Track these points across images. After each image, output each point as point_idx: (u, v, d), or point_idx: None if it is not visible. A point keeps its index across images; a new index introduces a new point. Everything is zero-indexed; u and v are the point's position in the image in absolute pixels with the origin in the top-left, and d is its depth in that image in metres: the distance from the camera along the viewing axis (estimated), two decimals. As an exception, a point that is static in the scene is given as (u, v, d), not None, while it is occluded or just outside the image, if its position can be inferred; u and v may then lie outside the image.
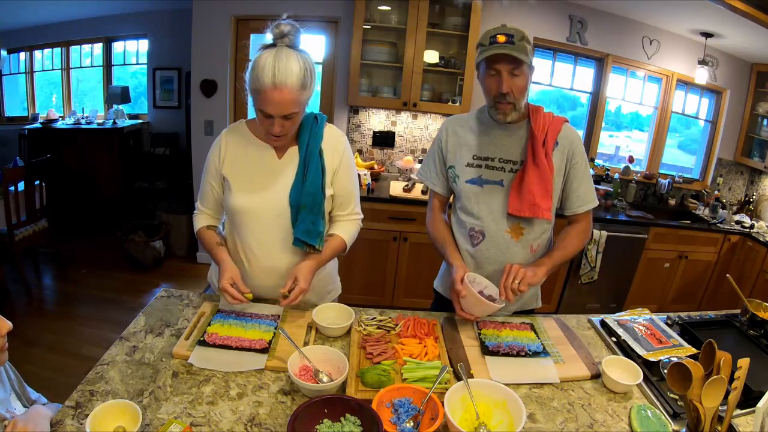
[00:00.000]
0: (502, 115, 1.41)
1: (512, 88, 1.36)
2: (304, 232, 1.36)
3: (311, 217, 1.36)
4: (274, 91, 1.19)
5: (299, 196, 1.36)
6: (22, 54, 4.88)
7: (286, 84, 1.19)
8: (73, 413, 0.99)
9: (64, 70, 5.02)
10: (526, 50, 1.33)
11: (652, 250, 3.40)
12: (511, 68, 1.34)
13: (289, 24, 1.23)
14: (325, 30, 3.55)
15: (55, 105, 5.21)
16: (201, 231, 1.49)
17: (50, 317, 3.15)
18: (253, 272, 1.46)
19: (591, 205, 1.52)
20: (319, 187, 1.37)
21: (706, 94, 4.01)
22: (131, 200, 4.66)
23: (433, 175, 1.61)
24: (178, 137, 4.84)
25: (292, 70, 1.19)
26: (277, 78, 1.18)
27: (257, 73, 1.19)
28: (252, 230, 1.41)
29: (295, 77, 1.20)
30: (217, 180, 1.43)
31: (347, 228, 1.51)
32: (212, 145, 1.44)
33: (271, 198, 1.38)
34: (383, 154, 3.75)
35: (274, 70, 1.18)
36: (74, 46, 4.97)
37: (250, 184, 1.39)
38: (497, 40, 1.33)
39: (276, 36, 1.23)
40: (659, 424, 1.07)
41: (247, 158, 1.40)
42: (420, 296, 3.22)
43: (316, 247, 1.38)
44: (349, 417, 0.99)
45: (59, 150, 4.31)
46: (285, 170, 1.40)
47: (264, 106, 1.22)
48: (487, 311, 1.37)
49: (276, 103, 1.20)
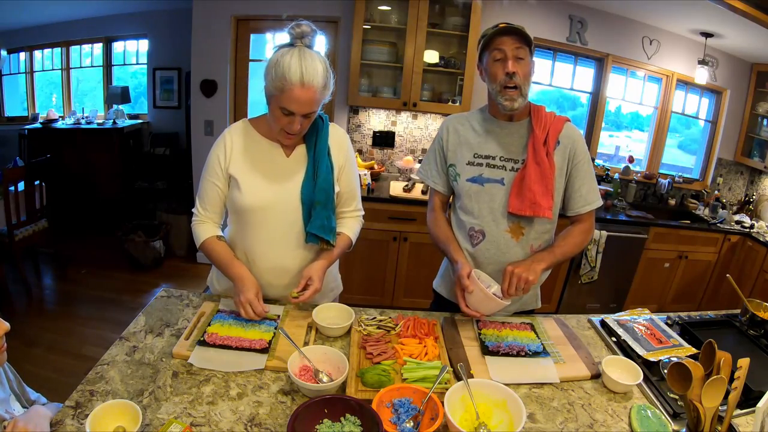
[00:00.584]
0: (509, 101, 1.40)
1: (518, 71, 1.37)
2: (319, 227, 1.39)
3: (326, 213, 1.40)
4: (302, 89, 1.21)
5: (312, 193, 1.39)
6: (22, 54, 4.88)
7: (312, 83, 1.22)
8: (73, 413, 0.99)
9: (64, 70, 5.02)
10: (530, 39, 1.36)
11: (652, 250, 3.40)
12: (516, 48, 1.36)
13: (309, 25, 1.26)
14: (325, 30, 3.55)
15: (55, 105, 5.21)
16: (210, 242, 1.43)
17: (50, 317, 3.15)
18: (260, 271, 1.46)
19: (594, 205, 1.51)
20: (330, 184, 1.41)
21: (706, 94, 4.01)
22: (131, 200, 4.66)
23: (434, 173, 1.60)
24: (178, 137, 4.84)
25: (318, 70, 1.23)
26: (305, 77, 1.20)
27: (283, 72, 1.20)
28: (261, 229, 1.41)
29: (321, 77, 1.23)
30: (222, 180, 1.41)
31: (351, 225, 1.55)
32: (214, 145, 1.42)
33: (282, 195, 1.39)
34: (383, 154, 3.75)
35: (302, 69, 1.20)
36: (74, 46, 4.97)
37: (260, 182, 1.39)
38: (499, 26, 1.38)
39: (296, 36, 1.25)
40: (659, 424, 1.07)
41: (255, 157, 1.40)
42: (420, 296, 3.22)
43: (330, 242, 1.42)
44: (349, 417, 0.99)
45: (59, 150, 4.31)
46: (294, 168, 1.41)
47: (288, 103, 1.23)
48: (493, 309, 1.37)
49: (302, 101, 1.23)
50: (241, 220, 1.42)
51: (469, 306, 1.37)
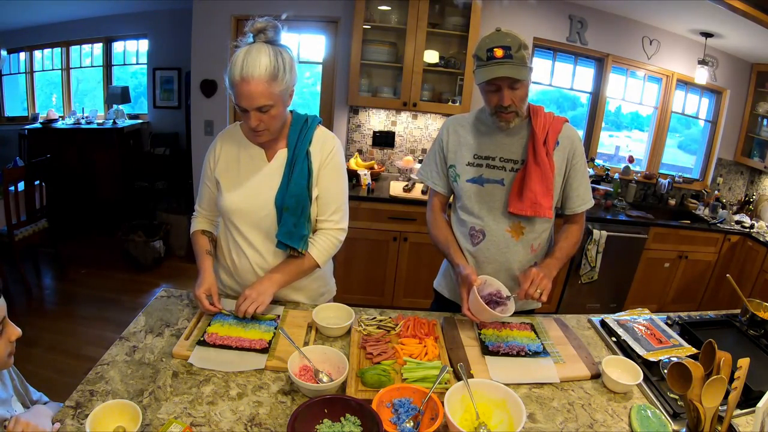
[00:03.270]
0: (505, 123, 1.42)
1: (513, 99, 1.36)
2: (285, 234, 1.37)
3: (293, 220, 1.36)
4: (242, 83, 1.21)
5: (283, 198, 1.36)
6: (22, 54, 4.88)
7: (253, 76, 1.20)
8: (73, 413, 0.99)
9: (64, 70, 5.01)
10: (525, 60, 1.32)
11: (652, 250, 3.40)
12: (512, 82, 1.33)
13: (266, 21, 1.26)
14: (325, 30, 3.55)
15: (55, 105, 5.21)
16: (195, 234, 1.52)
17: (50, 317, 3.15)
18: (243, 272, 1.47)
19: (590, 204, 1.54)
20: (303, 189, 1.36)
21: (706, 94, 4.01)
22: (131, 200, 4.66)
23: (435, 174, 1.61)
24: (178, 137, 4.83)
25: (261, 62, 1.21)
26: (245, 70, 1.20)
27: (230, 69, 1.23)
28: (241, 231, 1.43)
29: (263, 69, 1.21)
30: (212, 181, 1.45)
31: (321, 243, 1.44)
32: (209, 147, 1.47)
33: (258, 199, 1.39)
34: (383, 154, 3.75)
35: (242, 63, 1.21)
36: (74, 46, 4.97)
37: (239, 185, 1.40)
38: (495, 54, 1.30)
39: (253, 32, 1.26)
40: (659, 424, 1.07)
41: (238, 160, 1.42)
42: (420, 296, 3.22)
43: (299, 249, 1.38)
44: (349, 417, 0.99)
45: (59, 150, 4.31)
46: (273, 172, 1.40)
47: (239, 99, 1.24)
48: (490, 318, 1.37)
49: (245, 95, 1.22)
50: (226, 221, 1.46)
51: (470, 310, 1.37)
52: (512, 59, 1.29)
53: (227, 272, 1.52)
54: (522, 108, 1.40)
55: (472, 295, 1.33)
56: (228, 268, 1.50)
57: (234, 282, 1.52)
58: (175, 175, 4.67)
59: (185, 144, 4.58)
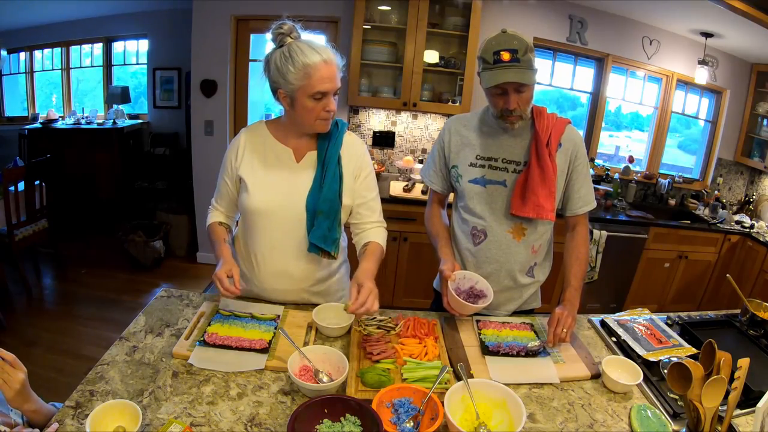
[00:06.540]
0: (510, 124, 1.42)
1: (519, 103, 1.35)
2: (319, 237, 1.35)
3: (327, 223, 1.35)
4: (325, 66, 1.23)
5: (316, 201, 1.35)
6: (22, 54, 4.88)
7: (332, 58, 1.25)
8: (73, 413, 0.99)
9: (64, 70, 5.01)
10: (532, 63, 1.31)
11: (652, 250, 3.40)
12: (518, 86, 1.32)
13: (288, 21, 1.27)
14: (325, 30, 3.55)
15: (55, 105, 5.21)
16: (212, 225, 1.48)
17: (50, 317, 3.15)
18: (263, 275, 1.45)
19: (592, 205, 1.53)
20: (336, 194, 1.36)
21: (706, 94, 4.01)
22: (131, 200, 4.66)
23: (432, 173, 1.62)
24: (178, 137, 4.83)
25: (328, 47, 1.25)
26: (324, 54, 1.23)
27: (302, 60, 1.21)
28: (266, 233, 1.40)
29: (332, 51, 1.26)
30: (233, 179, 1.42)
31: (378, 233, 1.47)
32: (231, 143, 1.44)
33: (289, 201, 1.37)
34: (383, 154, 3.75)
35: (317, 49, 1.22)
36: (74, 46, 4.97)
37: (268, 185, 1.38)
38: (501, 58, 1.28)
39: (285, 33, 1.25)
40: (659, 424, 1.07)
41: (265, 159, 1.39)
42: (420, 296, 3.22)
43: (331, 253, 1.38)
44: (349, 417, 0.99)
45: (59, 150, 4.31)
46: (303, 174, 1.38)
47: (320, 84, 1.23)
48: (468, 311, 1.39)
49: (329, 77, 1.24)
50: (248, 221, 1.42)
51: (450, 303, 1.39)
52: (519, 63, 1.28)
53: (243, 276, 1.46)
54: (527, 110, 1.40)
55: (449, 290, 1.36)
56: (244, 272, 1.47)
57: (251, 284, 1.48)
58: (175, 175, 4.66)
59: (185, 144, 4.57)
